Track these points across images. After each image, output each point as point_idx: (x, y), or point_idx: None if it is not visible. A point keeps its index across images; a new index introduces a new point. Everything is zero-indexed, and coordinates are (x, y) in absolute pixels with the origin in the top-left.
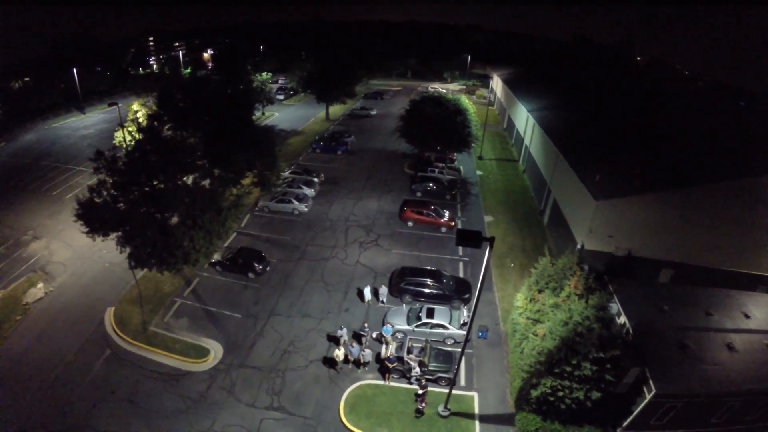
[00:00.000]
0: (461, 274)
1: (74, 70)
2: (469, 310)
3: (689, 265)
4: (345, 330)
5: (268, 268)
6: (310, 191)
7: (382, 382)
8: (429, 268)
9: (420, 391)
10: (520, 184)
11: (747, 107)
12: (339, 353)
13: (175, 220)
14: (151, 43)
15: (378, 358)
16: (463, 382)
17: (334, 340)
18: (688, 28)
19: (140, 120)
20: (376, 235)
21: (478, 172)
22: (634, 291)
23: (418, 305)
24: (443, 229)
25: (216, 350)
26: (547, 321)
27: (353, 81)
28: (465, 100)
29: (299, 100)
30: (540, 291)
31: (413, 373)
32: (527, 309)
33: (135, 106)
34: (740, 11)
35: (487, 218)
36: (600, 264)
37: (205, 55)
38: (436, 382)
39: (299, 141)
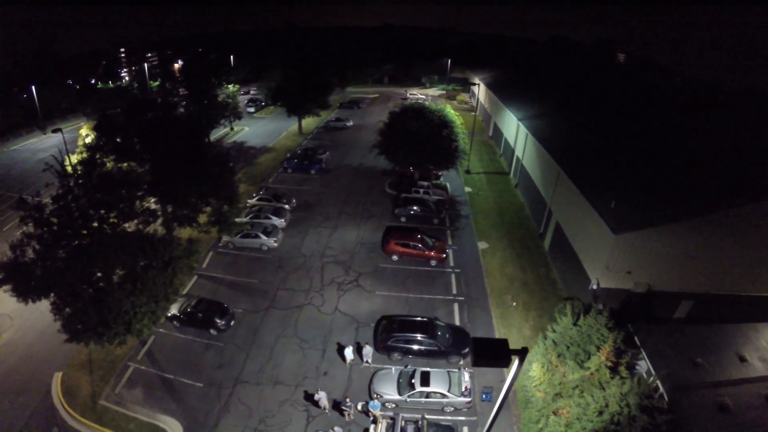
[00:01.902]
0: (456, 319)
1: (32, 87)
2: (469, 370)
3: (709, 295)
4: (324, 394)
5: (232, 323)
6: (279, 222)
7: None
8: (419, 318)
9: None
10: (514, 201)
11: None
12: None
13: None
14: (123, 55)
15: None
16: None
17: (312, 401)
18: (661, 25)
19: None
20: (357, 274)
21: (467, 189)
22: (661, 339)
23: (410, 368)
24: (433, 262)
25: (175, 431)
26: (572, 402)
27: (326, 91)
28: (450, 111)
29: (271, 113)
30: (559, 355)
31: None
32: (545, 381)
33: (84, 131)
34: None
35: (481, 245)
36: (616, 302)
37: (176, 65)
38: None
39: (269, 159)
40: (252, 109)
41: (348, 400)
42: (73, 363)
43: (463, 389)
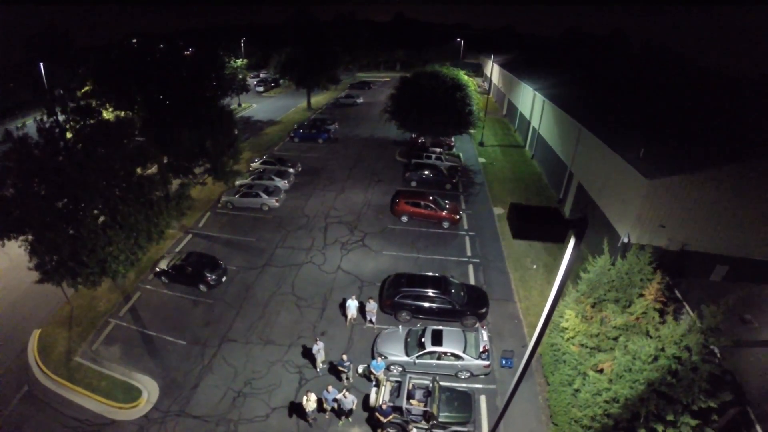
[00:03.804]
0: (472, 280)
1: (41, 64)
2: (488, 329)
3: (746, 260)
4: (323, 344)
5: (224, 278)
6: (282, 183)
7: None
8: (431, 274)
9: None
10: (530, 171)
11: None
12: (310, 402)
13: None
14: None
15: (366, 403)
16: None
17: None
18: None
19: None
20: (362, 234)
21: (481, 160)
22: (703, 293)
23: (419, 327)
24: (445, 224)
25: (150, 391)
26: (617, 352)
27: (336, 64)
28: (464, 75)
29: (280, 92)
30: (595, 305)
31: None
32: (581, 332)
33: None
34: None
35: (497, 210)
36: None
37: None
38: None
39: (276, 131)
40: (261, 89)
41: (345, 357)
42: (53, 320)
43: (481, 350)
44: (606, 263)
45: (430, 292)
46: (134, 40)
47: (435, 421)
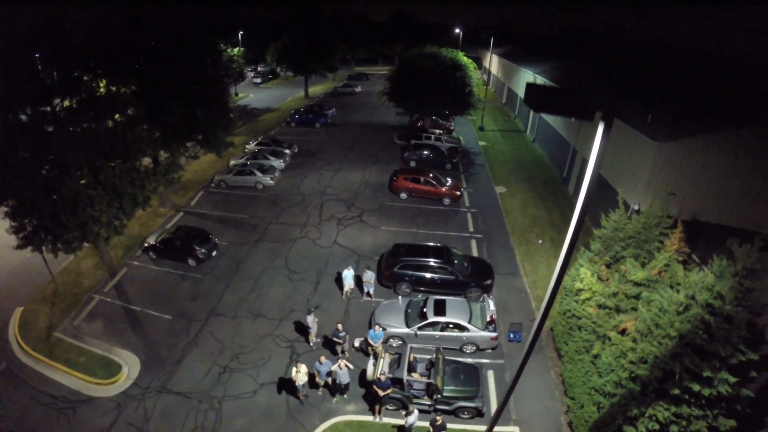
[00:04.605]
0: (475, 254)
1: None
2: (494, 300)
3: (758, 234)
4: (313, 315)
5: (214, 252)
6: (278, 162)
7: (370, 418)
8: (432, 244)
9: None
10: (532, 153)
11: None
12: (300, 374)
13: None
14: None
15: (363, 379)
16: (494, 410)
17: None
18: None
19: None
20: (360, 210)
21: (481, 143)
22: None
23: (420, 297)
24: (446, 201)
25: (131, 366)
26: (641, 306)
27: (334, 51)
28: (463, 56)
29: (278, 84)
30: (610, 265)
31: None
32: (597, 292)
33: None
34: None
35: (499, 189)
36: None
37: None
38: (454, 414)
39: (273, 117)
40: (258, 80)
41: (340, 327)
42: (36, 297)
43: (488, 320)
44: (621, 217)
45: (432, 262)
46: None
47: (439, 396)
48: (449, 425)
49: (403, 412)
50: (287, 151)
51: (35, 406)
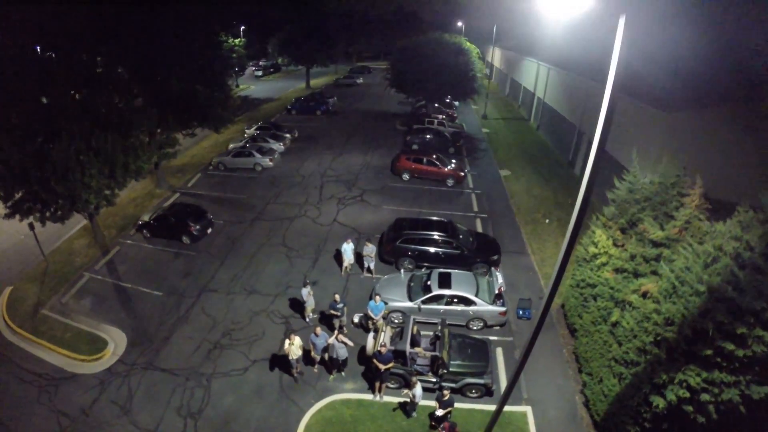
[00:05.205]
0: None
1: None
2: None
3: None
4: (309, 287)
5: (209, 230)
6: (277, 145)
7: (369, 396)
8: (436, 218)
9: (438, 411)
10: (536, 140)
11: None
12: (293, 346)
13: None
14: None
15: (362, 355)
16: (504, 389)
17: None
18: None
19: None
20: (361, 190)
21: (485, 130)
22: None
23: (424, 271)
24: (450, 182)
25: (117, 342)
26: (663, 264)
27: (336, 42)
28: (466, 42)
29: (279, 77)
30: (624, 230)
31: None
32: (614, 255)
33: None
34: None
35: (503, 172)
36: None
37: None
38: (461, 392)
39: (273, 106)
40: (260, 73)
41: (338, 298)
42: (27, 276)
43: (496, 292)
44: (637, 175)
45: (436, 236)
46: None
47: (445, 371)
48: (456, 405)
49: (405, 391)
50: (287, 135)
51: (17, 383)
